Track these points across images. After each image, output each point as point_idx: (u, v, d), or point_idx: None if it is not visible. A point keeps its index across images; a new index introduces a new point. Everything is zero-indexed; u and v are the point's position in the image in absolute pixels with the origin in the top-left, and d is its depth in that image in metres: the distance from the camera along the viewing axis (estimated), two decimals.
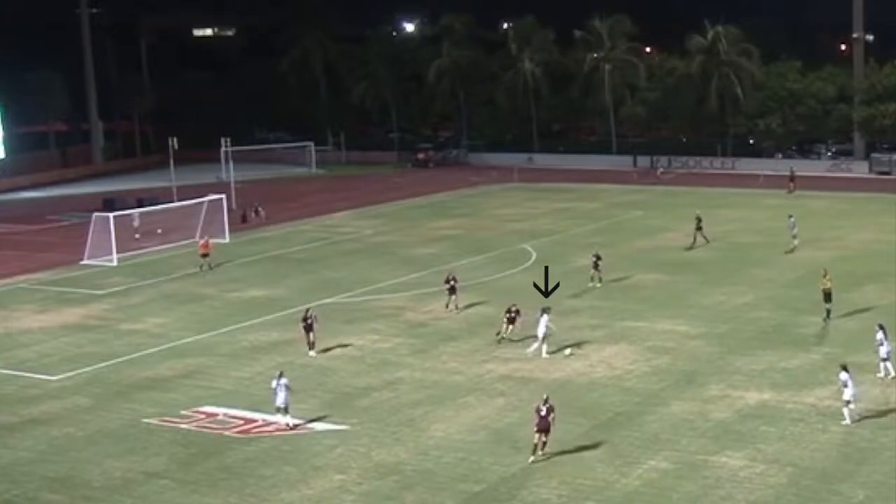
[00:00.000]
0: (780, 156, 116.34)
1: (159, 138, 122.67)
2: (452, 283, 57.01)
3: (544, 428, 36.03)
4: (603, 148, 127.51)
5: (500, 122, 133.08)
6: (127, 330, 55.26)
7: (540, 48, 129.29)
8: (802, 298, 55.29)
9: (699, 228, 71.95)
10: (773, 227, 77.63)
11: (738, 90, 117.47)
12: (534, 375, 45.15)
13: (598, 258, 61.45)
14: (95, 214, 76.30)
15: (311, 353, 49.07)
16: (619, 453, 36.38)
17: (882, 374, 43.21)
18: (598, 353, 47.82)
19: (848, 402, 38.45)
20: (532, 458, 35.93)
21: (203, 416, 41.85)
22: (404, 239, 79.46)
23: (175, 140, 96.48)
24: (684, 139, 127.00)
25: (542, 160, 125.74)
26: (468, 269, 65.95)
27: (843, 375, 38.62)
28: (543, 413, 36.06)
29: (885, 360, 43.28)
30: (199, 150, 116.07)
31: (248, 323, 55.46)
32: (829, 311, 51.92)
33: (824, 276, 52.90)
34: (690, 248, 71.05)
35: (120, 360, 49.88)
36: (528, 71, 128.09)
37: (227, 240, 78.59)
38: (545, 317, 47.99)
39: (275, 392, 40.10)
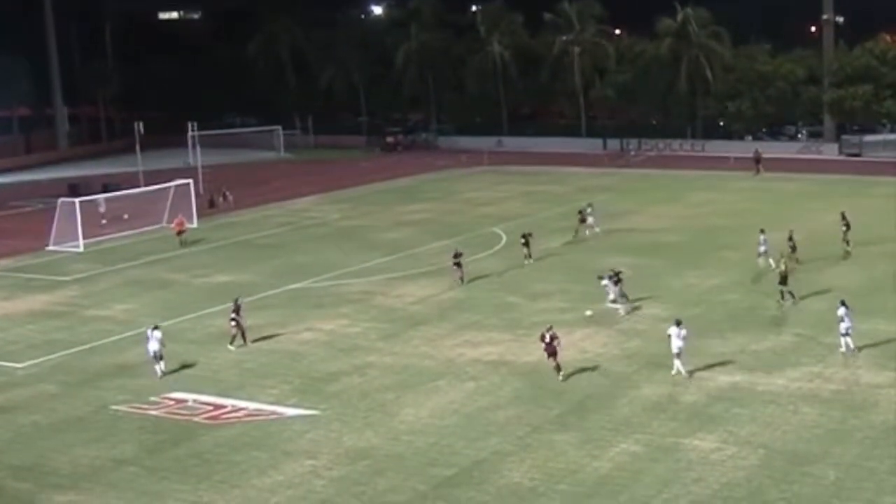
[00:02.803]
0: (750, 138, 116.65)
1: (125, 123, 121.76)
2: (458, 259, 58.03)
3: (552, 352, 41.72)
4: (573, 131, 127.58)
5: (470, 106, 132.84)
6: (93, 316, 54.89)
7: (509, 31, 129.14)
8: (772, 281, 55.16)
9: (583, 221, 70.29)
10: (743, 209, 77.85)
11: (708, 73, 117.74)
12: (504, 359, 45.04)
13: (527, 236, 62.63)
14: (61, 200, 75.85)
15: (247, 343, 48.47)
16: (590, 437, 36.32)
17: (843, 349, 43.66)
18: (569, 337, 47.46)
19: (677, 354, 41.97)
20: (561, 378, 41.48)
21: (172, 403, 41.60)
22: (373, 223, 79.20)
23: (141, 125, 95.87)
24: (654, 122, 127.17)
25: (512, 143, 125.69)
26: (438, 253, 65.70)
27: (672, 329, 42.22)
28: (548, 340, 41.68)
29: (844, 335, 43.79)
30: (166, 135, 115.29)
31: (215, 308, 54.93)
32: (791, 294, 51.95)
33: (780, 258, 53.55)
34: (572, 239, 69.35)
35: (87, 346, 49.58)
36: (497, 54, 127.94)
37: (195, 225, 78.14)
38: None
39: (147, 340, 44.57)
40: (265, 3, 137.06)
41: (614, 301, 51.74)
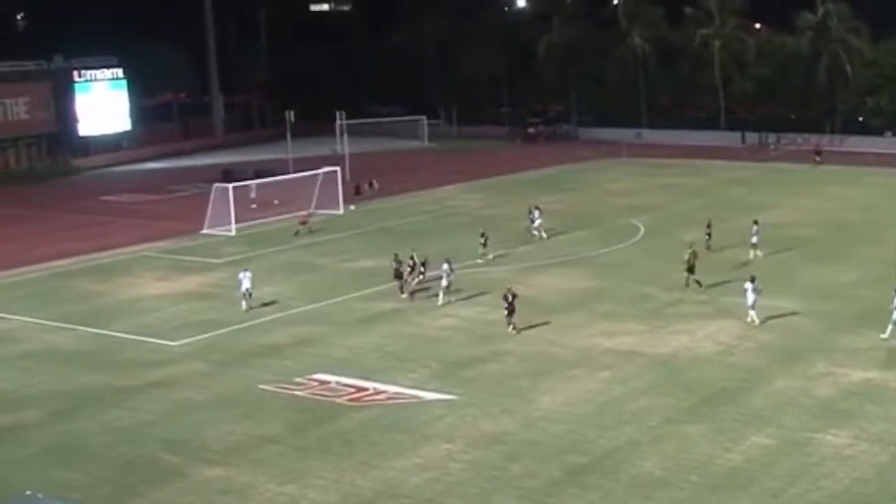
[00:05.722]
0: (890, 133, 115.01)
1: (275, 111, 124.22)
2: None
3: (513, 311, 48.05)
4: (711, 124, 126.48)
5: (609, 98, 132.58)
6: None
7: (649, 24, 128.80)
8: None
9: (532, 222, 70.35)
10: (879, 205, 77.20)
11: (848, 67, 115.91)
12: (640, 350, 45.63)
13: (483, 235, 64.28)
14: (215, 185, 77.88)
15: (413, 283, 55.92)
16: (722, 429, 36.77)
17: (886, 335, 45.22)
18: (704, 329, 48.14)
19: (751, 307, 47.93)
20: (515, 332, 47.87)
21: (316, 384, 42.88)
22: (513, 212, 79.62)
23: (292, 113, 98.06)
24: (793, 116, 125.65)
25: (651, 135, 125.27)
26: (575, 243, 66.48)
27: (748, 285, 48.08)
28: (510, 300, 48.00)
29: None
30: (314, 123, 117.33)
31: (359, 293, 56.44)
32: (698, 282, 54.16)
33: (689, 248, 55.75)
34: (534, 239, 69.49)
35: (237, 327, 51.26)
36: (637, 47, 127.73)
37: (341, 211, 79.95)
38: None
39: (240, 281, 53.71)
40: None
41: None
